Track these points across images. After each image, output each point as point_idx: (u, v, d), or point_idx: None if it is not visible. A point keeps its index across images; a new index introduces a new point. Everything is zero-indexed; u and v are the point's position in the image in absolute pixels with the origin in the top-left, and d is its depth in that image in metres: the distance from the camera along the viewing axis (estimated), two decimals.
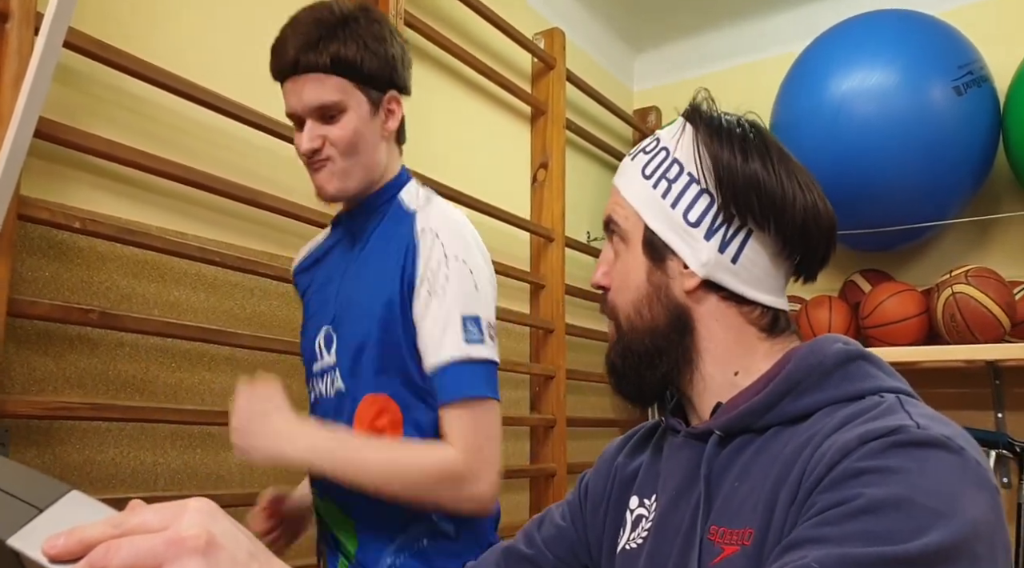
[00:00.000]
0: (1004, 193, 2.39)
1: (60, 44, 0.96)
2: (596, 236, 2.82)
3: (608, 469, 0.83)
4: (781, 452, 0.61)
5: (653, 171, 0.72)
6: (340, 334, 1.07)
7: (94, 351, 1.31)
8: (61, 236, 1.27)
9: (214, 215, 1.51)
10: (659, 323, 0.71)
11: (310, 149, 1.03)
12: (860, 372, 0.64)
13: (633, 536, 0.73)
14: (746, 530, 0.60)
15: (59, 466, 1.25)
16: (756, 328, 0.70)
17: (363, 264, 1.08)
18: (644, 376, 0.73)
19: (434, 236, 1.01)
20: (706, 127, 0.71)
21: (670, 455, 0.73)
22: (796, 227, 0.68)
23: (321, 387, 1.10)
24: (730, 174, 0.67)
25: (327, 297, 1.12)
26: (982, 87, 2.13)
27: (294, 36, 1.02)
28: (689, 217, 0.69)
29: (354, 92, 1.03)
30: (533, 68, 2.54)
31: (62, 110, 1.27)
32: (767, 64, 2.79)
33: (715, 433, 0.67)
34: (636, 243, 0.72)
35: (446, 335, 0.97)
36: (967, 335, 2.08)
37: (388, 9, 1.80)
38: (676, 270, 0.70)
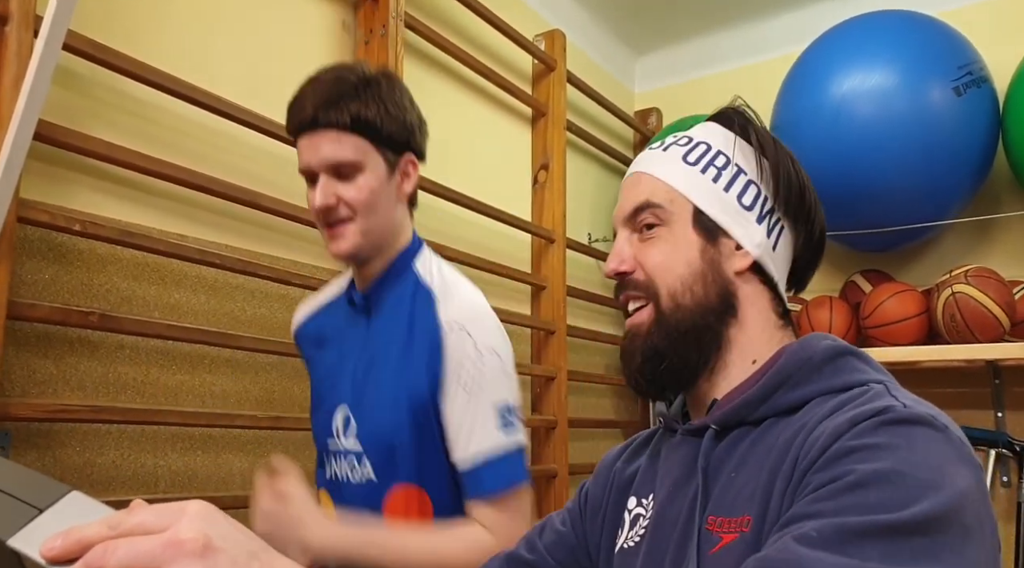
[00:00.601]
0: (1004, 193, 2.39)
1: (59, 47, 0.96)
2: (597, 237, 2.82)
3: (607, 475, 0.84)
4: (775, 442, 0.63)
5: (698, 159, 0.75)
6: (362, 420, 1.04)
7: (94, 353, 1.31)
8: (61, 239, 1.27)
9: (215, 217, 1.52)
10: (710, 300, 0.72)
11: (324, 206, 1.01)
12: (848, 366, 0.66)
13: (631, 535, 0.74)
14: (744, 517, 0.61)
15: (60, 468, 1.25)
16: (776, 316, 0.74)
17: (384, 348, 1.05)
18: (688, 357, 0.71)
19: (461, 330, 1.00)
20: (759, 131, 0.76)
21: (668, 454, 0.75)
22: (816, 236, 0.75)
23: (343, 470, 1.06)
24: (786, 174, 0.73)
25: (341, 372, 1.09)
26: (981, 87, 2.13)
27: (314, 93, 1.01)
28: (743, 201, 0.73)
29: (372, 152, 1.02)
30: (534, 70, 2.54)
31: (62, 113, 1.28)
32: (767, 65, 2.79)
33: (711, 427, 0.69)
34: (683, 223, 0.73)
35: (482, 428, 0.98)
36: (967, 335, 2.08)
37: (388, 11, 1.80)
38: (729, 249, 0.73)
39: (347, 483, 1.05)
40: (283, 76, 1.70)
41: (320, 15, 1.79)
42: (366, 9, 1.84)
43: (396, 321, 1.05)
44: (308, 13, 1.76)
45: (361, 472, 1.03)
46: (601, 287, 2.85)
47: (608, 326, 2.86)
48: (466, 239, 2.14)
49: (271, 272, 1.55)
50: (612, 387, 2.82)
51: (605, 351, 2.80)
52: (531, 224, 2.42)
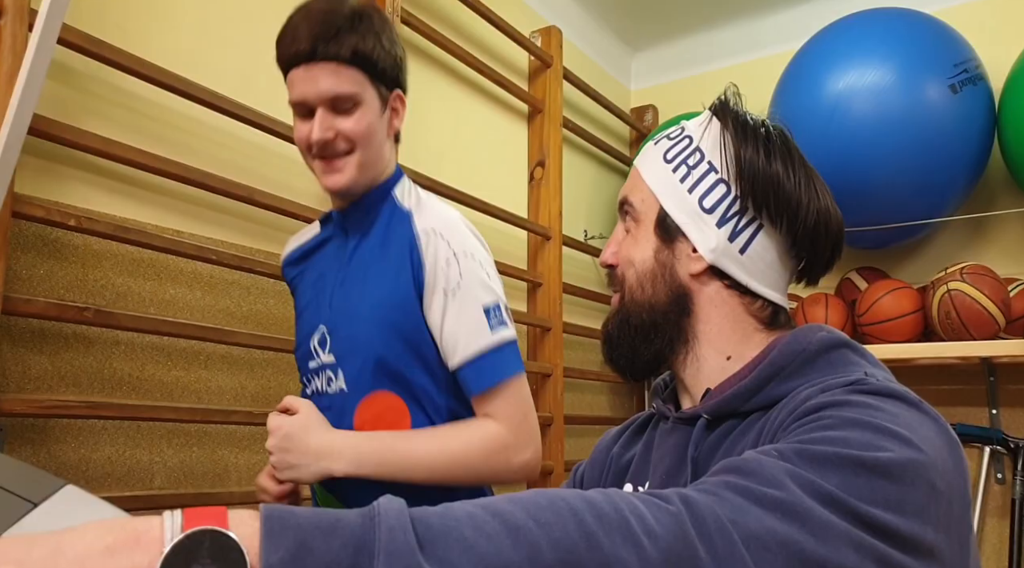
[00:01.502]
0: (999, 190, 2.39)
1: (54, 41, 0.95)
2: (593, 234, 2.82)
3: (603, 459, 0.85)
4: (763, 428, 0.64)
5: (675, 157, 0.75)
6: (337, 335, 1.07)
7: (89, 349, 1.31)
8: (56, 234, 1.27)
9: (210, 213, 1.51)
10: (659, 300, 0.73)
11: (322, 139, 1.01)
12: (843, 359, 0.65)
13: None
14: None
15: (54, 464, 1.25)
16: (755, 319, 0.72)
17: (360, 265, 1.08)
18: (638, 349, 0.75)
19: (437, 236, 1.02)
20: (733, 122, 0.73)
21: (661, 441, 0.75)
22: (808, 229, 0.71)
23: (318, 383, 1.11)
24: (751, 169, 0.70)
25: (321, 295, 1.12)
26: (977, 85, 2.13)
27: (309, 24, 1.00)
28: (704, 203, 0.72)
29: (368, 86, 1.03)
30: (530, 66, 2.54)
31: (57, 107, 1.27)
32: (763, 63, 2.79)
33: (702, 417, 0.69)
34: (648, 222, 0.75)
35: (471, 330, 1.00)
36: (962, 332, 2.08)
37: (385, 6, 1.79)
38: (684, 252, 0.73)
39: (324, 395, 1.08)
40: (279, 72, 1.70)
41: None
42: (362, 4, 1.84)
43: (372, 240, 1.08)
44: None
45: (336, 384, 1.06)
46: (597, 284, 2.85)
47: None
48: None
49: (267, 268, 1.54)
50: (608, 384, 2.83)
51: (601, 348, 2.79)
52: (527, 221, 2.42)
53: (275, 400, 1.59)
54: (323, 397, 1.09)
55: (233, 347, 1.52)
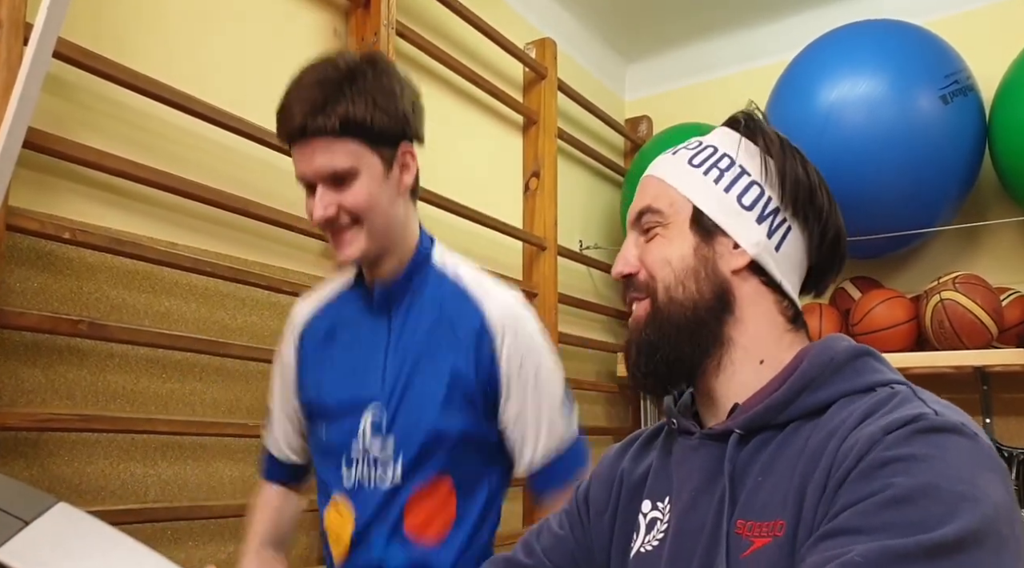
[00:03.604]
0: (991, 200, 2.41)
1: (50, 54, 0.95)
2: (588, 244, 2.82)
3: (611, 475, 0.83)
4: (804, 445, 0.64)
5: (702, 162, 0.76)
6: (398, 420, 1.02)
7: (83, 362, 1.31)
8: (50, 247, 1.27)
9: (205, 225, 1.51)
10: (704, 296, 0.72)
11: (323, 217, 0.99)
12: (868, 367, 0.68)
13: (648, 539, 0.74)
14: (777, 522, 0.62)
15: (48, 478, 1.24)
16: (784, 319, 0.74)
17: (416, 344, 1.04)
18: (682, 351, 0.73)
19: (514, 331, 1.02)
20: (766, 133, 0.76)
21: (685, 457, 0.74)
22: (830, 236, 0.75)
23: (368, 473, 1.04)
24: (792, 174, 0.73)
25: (368, 366, 1.06)
26: (968, 96, 2.15)
27: (299, 99, 0.97)
28: (743, 201, 0.73)
29: (366, 154, 0.98)
30: (525, 77, 2.55)
31: (52, 120, 1.27)
32: (757, 74, 2.80)
33: (735, 432, 0.69)
34: (681, 223, 0.75)
35: (553, 425, 1.03)
36: (955, 341, 2.09)
37: (380, 19, 1.80)
38: (726, 248, 0.73)
39: (372, 488, 1.02)
40: (274, 83, 1.69)
41: (311, 22, 1.79)
42: (357, 17, 1.85)
43: (429, 318, 1.05)
44: (299, 20, 1.76)
45: (393, 472, 1.01)
46: (592, 294, 2.86)
47: (599, 333, 2.86)
48: (457, 246, 2.11)
49: (262, 280, 1.54)
50: (604, 394, 2.82)
51: (597, 358, 2.80)
52: (522, 231, 2.42)
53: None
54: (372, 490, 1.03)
55: (228, 359, 1.52)
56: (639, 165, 2.77)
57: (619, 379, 2.79)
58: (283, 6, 1.72)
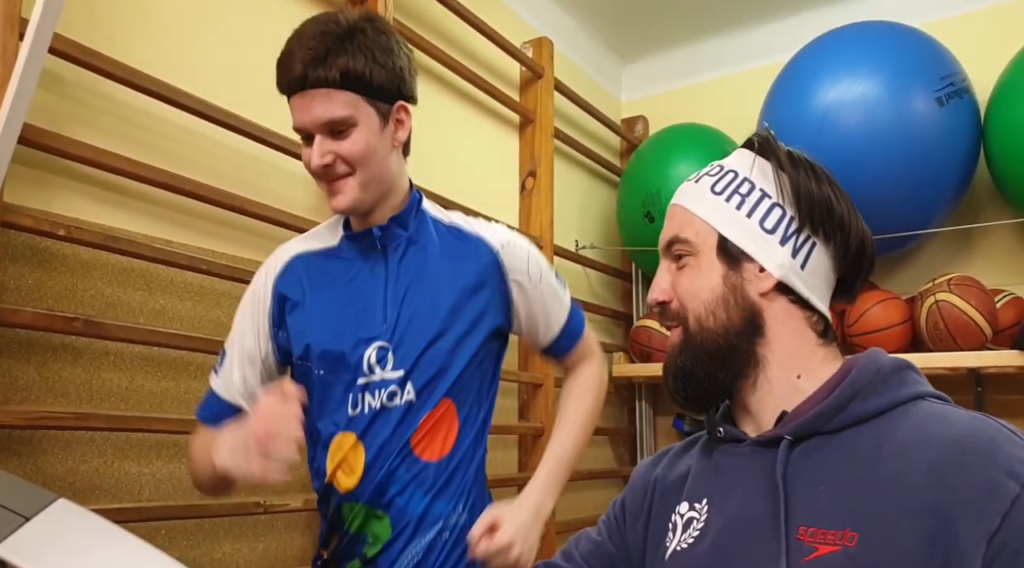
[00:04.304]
0: (985, 202, 2.42)
1: (45, 50, 0.95)
2: (584, 244, 2.83)
3: (644, 483, 0.88)
4: (861, 453, 0.68)
5: (724, 188, 0.79)
6: (403, 350, 1.07)
7: (78, 360, 1.30)
8: (45, 243, 1.26)
9: (201, 222, 1.51)
10: (734, 322, 0.76)
11: (321, 165, 1.03)
12: (910, 378, 0.73)
13: (684, 537, 0.77)
14: (847, 532, 0.64)
15: (42, 476, 1.23)
16: (815, 334, 0.77)
17: (419, 276, 1.10)
18: (716, 376, 0.77)
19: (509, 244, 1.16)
20: (778, 153, 0.79)
21: (733, 462, 0.77)
22: (855, 247, 0.77)
23: (373, 400, 1.07)
24: (807, 192, 0.76)
25: (367, 308, 1.09)
26: (963, 98, 2.16)
27: (301, 50, 1.00)
28: (765, 225, 0.77)
29: (363, 106, 1.03)
30: (521, 77, 2.55)
31: (47, 116, 1.26)
32: (753, 75, 2.81)
33: (786, 438, 0.72)
34: (709, 252, 0.78)
35: (557, 300, 1.20)
36: (950, 343, 2.10)
37: None
38: (752, 273, 0.77)
39: (384, 412, 1.07)
40: (270, 80, 1.69)
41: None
42: None
43: (428, 254, 1.12)
44: (295, 17, 1.74)
45: (403, 397, 1.07)
46: (588, 294, 2.86)
47: (596, 333, 2.85)
48: None
49: None
50: None
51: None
52: (518, 231, 2.42)
53: None
54: (384, 413, 1.07)
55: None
56: (635, 165, 2.77)
57: (614, 379, 2.79)
58: (280, 3, 1.71)
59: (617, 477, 2.87)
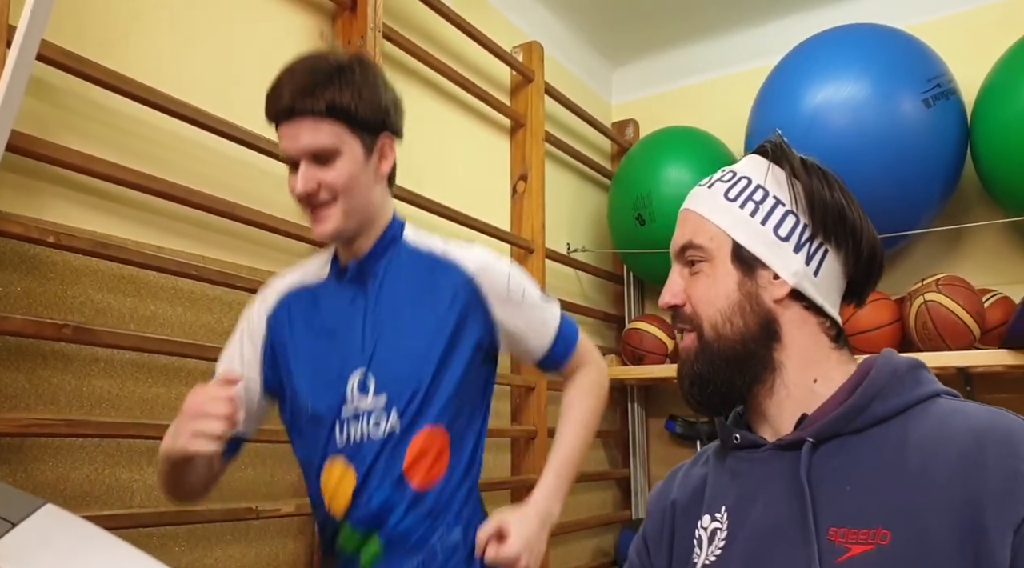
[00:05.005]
0: (973, 203, 2.44)
1: (33, 57, 0.95)
2: (576, 247, 2.83)
3: (661, 508, 0.87)
4: (886, 452, 0.69)
5: (737, 195, 0.79)
6: (382, 377, 1.09)
7: (68, 367, 1.30)
8: (35, 250, 1.26)
9: (191, 228, 1.50)
10: (750, 329, 0.77)
11: (304, 192, 1.06)
12: (924, 377, 0.74)
13: (711, 550, 0.77)
14: (879, 530, 0.65)
15: (32, 484, 1.23)
16: (828, 338, 0.78)
17: (395, 306, 1.12)
18: (733, 382, 0.78)
19: (487, 266, 1.15)
20: (791, 160, 0.79)
21: (751, 468, 0.77)
22: (867, 253, 0.79)
23: (357, 430, 1.09)
24: (820, 199, 0.77)
25: (346, 341, 1.12)
26: (950, 100, 2.17)
27: (290, 82, 1.04)
28: (779, 232, 0.77)
29: (348, 137, 1.06)
30: (512, 81, 2.55)
31: (36, 123, 1.26)
32: (742, 77, 2.83)
33: (807, 441, 0.72)
34: (723, 258, 0.78)
35: (542, 317, 1.19)
36: (939, 342, 2.11)
37: (367, 22, 1.80)
38: (767, 280, 0.77)
39: (370, 441, 1.08)
40: (260, 87, 1.69)
41: (298, 25, 1.78)
42: (344, 20, 1.85)
43: (402, 282, 1.13)
44: (285, 23, 1.76)
45: (387, 424, 1.08)
46: (580, 297, 2.86)
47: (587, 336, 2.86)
48: None
49: (248, 283, 1.54)
50: None
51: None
52: (510, 234, 2.43)
53: None
54: (368, 443, 1.08)
55: (214, 364, 1.50)
56: (626, 168, 2.78)
57: None
58: (269, 9, 1.71)
59: (610, 479, 2.87)
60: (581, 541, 2.64)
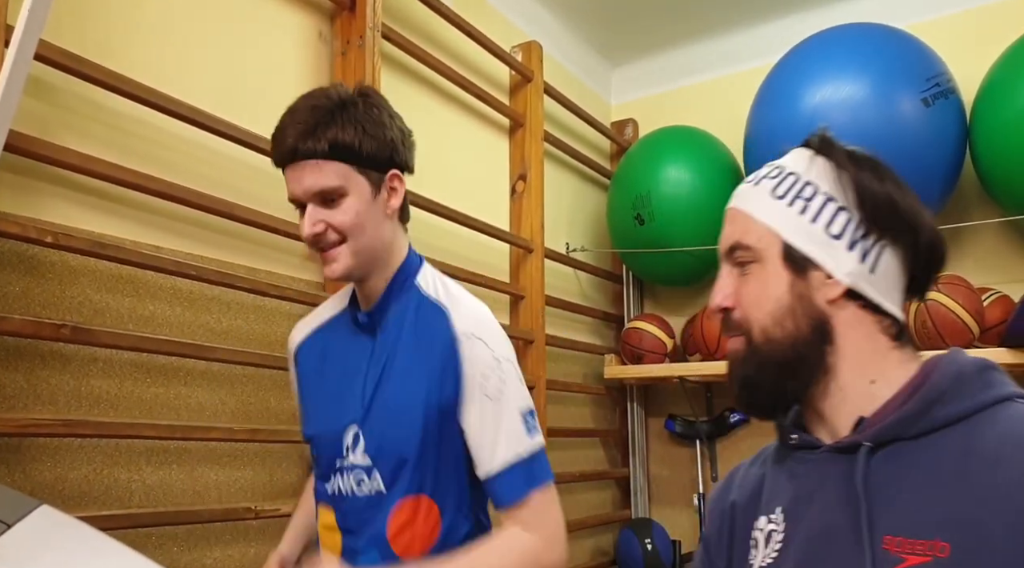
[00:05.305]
0: (972, 202, 2.44)
1: (31, 56, 0.95)
2: (575, 247, 2.83)
3: (721, 511, 0.85)
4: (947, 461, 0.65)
5: (785, 192, 0.76)
6: (372, 435, 1.06)
7: (66, 367, 1.29)
8: (33, 250, 1.26)
9: (189, 228, 1.50)
10: (802, 332, 0.74)
11: (312, 234, 1.04)
12: (994, 379, 0.70)
13: (767, 552, 0.75)
14: (937, 542, 0.62)
15: (30, 484, 1.23)
16: (887, 338, 0.74)
17: (396, 363, 1.08)
18: (784, 386, 0.75)
19: (477, 339, 1.04)
20: (839, 154, 0.76)
21: (808, 470, 0.75)
22: (926, 245, 0.75)
23: (349, 484, 1.08)
24: (871, 193, 0.73)
25: (349, 390, 1.10)
26: (949, 99, 2.17)
27: (292, 124, 1.02)
28: (831, 230, 0.74)
29: (353, 176, 1.03)
30: (511, 81, 2.55)
31: (34, 123, 1.26)
32: (741, 77, 2.82)
33: (864, 445, 0.69)
34: (773, 259, 0.75)
35: (510, 435, 1.02)
36: (938, 341, 2.11)
37: (366, 22, 1.80)
38: (819, 280, 0.74)
39: (352, 497, 1.07)
40: (259, 86, 1.70)
41: (297, 25, 1.78)
42: (343, 20, 1.85)
43: (402, 336, 1.08)
44: (284, 23, 1.76)
45: (370, 485, 1.06)
46: (579, 297, 2.86)
47: (586, 335, 2.87)
48: (444, 249, 2.14)
49: (247, 283, 1.54)
50: (590, 396, 2.83)
51: (583, 360, 2.80)
52: (509, 234, 2.43)
53: (255, 416, 1.58)
54: (354, 499, 1.07)
55: (213, 363, 1.51)
56: (625, 168, 2.78)
57: (605, 381, 2.80)
58: (268, 9, 1.71)
59: (609, 479, 2.88)
60: (580, 540, 2.64)
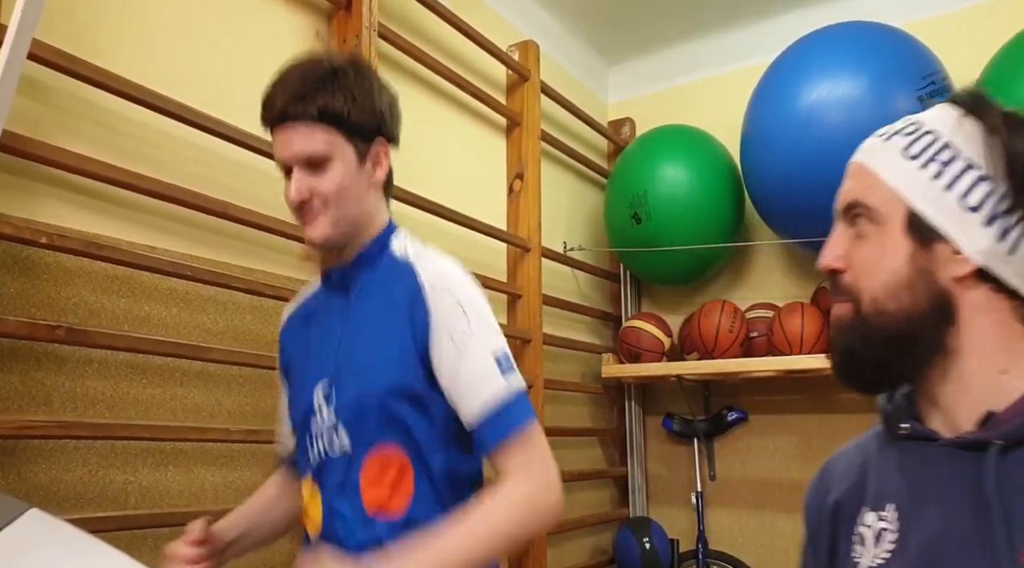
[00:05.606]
0: None
1: (24, 56, 0.94)
2: (572, 246, 2.83)
3: (820, 507, 0.79)
4: None
5: (920, 152, 0.68)
6: (342, 389, 1.05)
7: (61, 368, 1.29)
8: (27, 251, 1.25)
9: (184, 228, 1.50)
10: (920, 308, 0.66)
11: (297, 199, 1.03)
12: None
13: (877, 552, 0.68)
14: None
15: (25, 486, 1.22)
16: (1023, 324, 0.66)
17: (363, 319, 1.07)
18: (890, 364, 0.68)
19: (443, 288, 1.03)
20: (993, 114, 0.67)
21: (923, 465, 0.68)
22: None
23: (321, 446, 1.06)
24: (1022, 162, 0.64)
25: (323, 349, 1.10)
26: (944, 96, 2.16)
27: (282, 88, 1.03)
28: (969, 201, 0.65)
29: (340, 142, 1.03)
30: (508, 80, 2.55)
31: (28, 123, 1.26)
32: (738, 75, 2.82)
33: (995, 443, 0.62)
34: (895, 225, 0.68)
35: (484, 379, 1.00)
36: None
37: (362, 21, 1.80)
38: (945, 255, 0.66)
39: (328, 459, 1.06)
40: (254, 86, 1.68)
41: (293, 25, 1.78)
42: (339, 19, 1.84)
43: (374, 294, 1.08)
44: (281, 22, 1.75)
45: (340, 443, 1.04)
46: (577, 296, 2.86)
47: (584, 334, 2.86)
48: (441, 248, 2.13)
49: (243, 283, 1.53)
50: (588, 395, 2.83)
51: (581, 359, 2.80)
52: (506, 233, 2.42)
53: (251, 416, 1.58)
54: (330, 461, 1.05)
55: (209, 364, 1.50)
56: (622, 167, 2.78)
57: (603, 380, 2.80)
58: (264, 8, 1.71)
59: (607, 478, 2.87)
60: (579, 539, 2.64)
